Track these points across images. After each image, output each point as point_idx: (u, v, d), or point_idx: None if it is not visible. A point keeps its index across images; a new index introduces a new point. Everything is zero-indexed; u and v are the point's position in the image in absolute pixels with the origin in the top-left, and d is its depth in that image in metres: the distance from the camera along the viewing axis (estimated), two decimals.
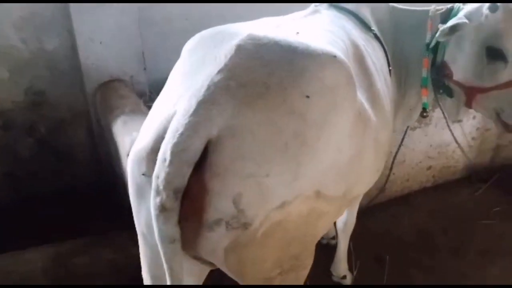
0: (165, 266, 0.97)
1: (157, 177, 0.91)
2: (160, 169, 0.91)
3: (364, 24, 1.57)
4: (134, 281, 2.10)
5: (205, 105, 0.92)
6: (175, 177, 0.90)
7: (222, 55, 1.00)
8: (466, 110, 1.72)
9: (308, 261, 1.18)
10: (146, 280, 1.25)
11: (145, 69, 2.59)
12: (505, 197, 2.80)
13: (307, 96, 0.99)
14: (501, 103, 1.50)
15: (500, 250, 2.41)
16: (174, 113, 0.96)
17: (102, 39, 2.36)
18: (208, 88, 0.94)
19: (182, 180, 0.90)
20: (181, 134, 0.89)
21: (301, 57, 1.03)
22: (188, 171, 0.90)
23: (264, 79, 0.98)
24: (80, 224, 2.25)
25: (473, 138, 2.88)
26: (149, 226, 1.03)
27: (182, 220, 0.94)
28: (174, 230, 0.94)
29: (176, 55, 1.28)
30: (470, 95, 1.55)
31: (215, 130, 0.92)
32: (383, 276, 2.19)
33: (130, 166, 1.06)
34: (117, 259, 2.11)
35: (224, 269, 1.09)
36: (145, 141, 1.01)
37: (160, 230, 0.94)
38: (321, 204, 1.06)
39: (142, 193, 1.03)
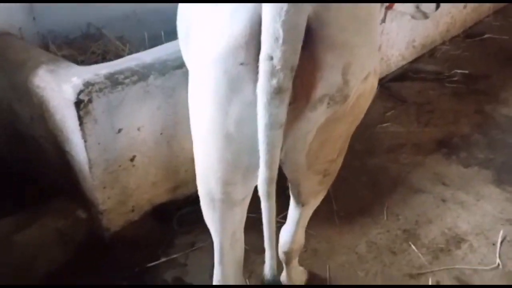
0: (265, 156, 0.97)
1: (270, 58, 0.88)
2: (274, 49, 0.87)
3: None
4: (83, 248, 1.98)
5: None
6: (291, 54, 0.88)
7: None
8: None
9: (342, 157, 1.28)
10: (209, 194, 1.20)
11: (34, 19, 2.29)
12: (392, 102, 3.27)
13: None
14: None
15: (401, 144, 2.82)
16: None
17: None
18: None
19: (297, 57, 0.89)
20: (287, 11, 0.85)
21: None
22: (299, 47, 0.89)
23: None
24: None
25: None
26: (240, 122, 1.00)
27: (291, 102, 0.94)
28: (285, 113, 0.93)
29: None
30: None
31: (310, 6, 0.90)
32: None
33: (218, 62, 0.97)
34: (64, 226, 1.94)
35: (294, 162, 1.13)
36: (236, 29, 0.93)
37: (271, 115, 0.92)
38: (375, 82, 1.14)
39: (236, 86, 0.97)
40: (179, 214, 2.24)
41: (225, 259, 1.35)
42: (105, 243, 2.00)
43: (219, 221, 1.25)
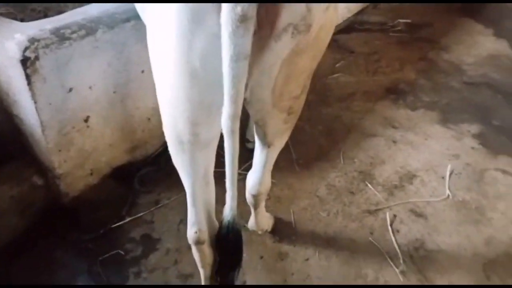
0: (229, 90, 0.96)
1: None
2: None
3: None
4: (43, 214, 1.93)
5: None
6: None
7: None
8: None
9: (305, 95, 1.29)
10: (178, 137, 1.18)
11: None
12: (341, 53, 3.33)
13: None
14: None
15: (352, 93, 2.90)
16: None
17: None
18: None
19: None
20: None
21: None
22: None
23: None
24: None
25: None
26: (204, 56, 0.98)
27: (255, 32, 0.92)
28: (250, 43, 0.91)
29: None
30: None
31: None
32: None
33: None
34: (20, 193, 1.87)
35: (260, 99, 1.14)
36: None
37: (236, 46, 0.90)
38: (335, 18, 1.16)
39: (199, 17, 0.94)
40: (139, 174, 2.22)
41: (197, 202, 1.35)
42: (66, 208, 1.95)
43: (189, 164, 1.25)
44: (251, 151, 1.59)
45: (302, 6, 0.99)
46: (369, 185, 2.19)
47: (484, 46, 3.55)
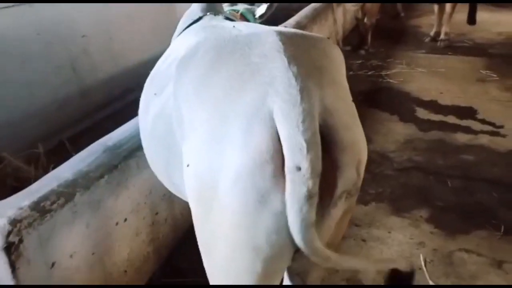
0: (308, 252, 0.99)
1: (298, 169, 0.92)
2: (300, 159, 0.92)
3: None
4: None
5: (306, 92, 0.98)
6: (316, 162, 0.93)
7: (271, 52, 1.05)
8: None
9: None
10: None
11: None
12: None
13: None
14: None
15: None
16: (269, 116, 0.97)
17: None
18: (296, 77, 0.99)
19: (320, 163, 0.94)
20: (303, 121, 0.93)
21: (319, 41, 1.22)
22: (321, 154, 0.95)
23: (315, 61, 1.10)
24: None
25: None
26: (269, 233, 1.00)
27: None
28: (314, 215, 0.96)
29: None
30: None
31: (317, 112, 0.99)
32: None
33: (243, 178, 0.98)
34: None
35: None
36: (258, 145, 0.96)
37: (303, 220, 0.95)
38: None
39: (265, 198, 0.98)
40: None
41: None
42: None
43: None
44: None
45: (353, 173, 1.06)
46: None
47: (397, 132, 3.96)
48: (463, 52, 6.25)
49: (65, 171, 1.72)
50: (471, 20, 6.21)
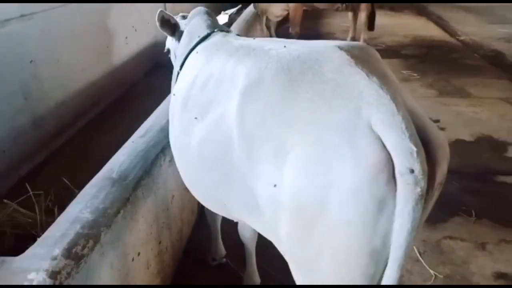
0: (400, 259, 1.04)
1: (412, 171, 0.98)
2: (411, 162, 0.98)
3: None
4: None
5: (396, 100, 1.06)
6: (424, 162, 1.00)
7: (344, 67, 1.13)
8: None
9: None
10: None
11: None
12: None
13: None
14: None
15: None
16: (369, 128, 1.02)
17: None
18: (381, 87, 1.06)
19: (425, 162, 1.01)
20: (407, 127, 1.00)
21: (366, 48, 1.31)
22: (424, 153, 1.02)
23: (376, 68, 1.18)
24: None
25: None
26: (385, 236, 1.04)
27: None
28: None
29: None
30: None
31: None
32: None
33: (361, 191, 1.01)
34: None
35: None
36: (371, 158, 1.01)
37: (414, 219, 1.00)
38: None
39: (382, 205, 1.02)
40: None
41: None
42: None
43: None
44: None
45: (446, 167, 1.13)
46: None
47: None
48: (380, 55, 6.65)
49: (81, 211, 1.57)
50: (371, 25, 6.66)
